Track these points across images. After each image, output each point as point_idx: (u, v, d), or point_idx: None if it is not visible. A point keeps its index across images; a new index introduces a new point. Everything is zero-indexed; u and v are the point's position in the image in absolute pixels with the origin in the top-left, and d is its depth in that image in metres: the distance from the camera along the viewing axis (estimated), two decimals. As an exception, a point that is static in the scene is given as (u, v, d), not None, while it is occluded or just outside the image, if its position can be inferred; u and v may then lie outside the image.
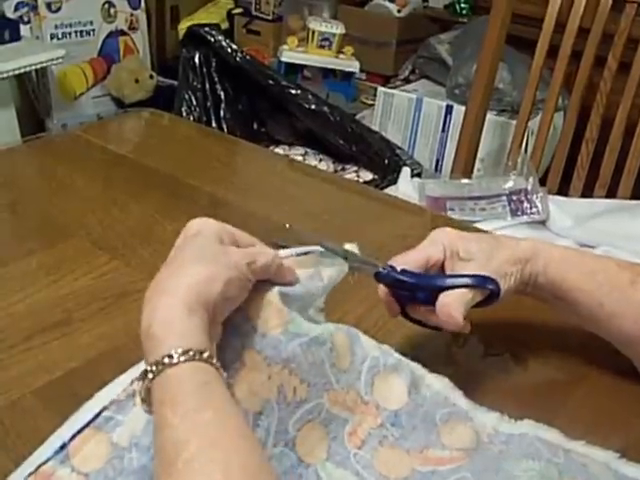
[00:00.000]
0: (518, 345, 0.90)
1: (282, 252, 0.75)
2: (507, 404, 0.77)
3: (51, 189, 1.28)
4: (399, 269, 0.78)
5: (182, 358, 0.58)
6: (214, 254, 0.66)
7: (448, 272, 0.79)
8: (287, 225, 0.75)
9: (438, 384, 0.76)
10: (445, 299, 0.75)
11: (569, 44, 1.82)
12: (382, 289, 0.79)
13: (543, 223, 1.81)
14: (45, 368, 0.84)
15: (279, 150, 2.60)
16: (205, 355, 0.59)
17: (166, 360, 0.58)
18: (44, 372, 0.83)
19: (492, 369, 0.87)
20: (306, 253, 0.77)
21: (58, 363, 0.84)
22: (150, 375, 0.59)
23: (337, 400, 0.72)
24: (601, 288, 0.79)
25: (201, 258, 0.65)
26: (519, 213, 1.81)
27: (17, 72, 2.45)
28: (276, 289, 0.71)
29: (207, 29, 2.60)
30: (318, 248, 0.78)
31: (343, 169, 2.53)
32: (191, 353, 0.59)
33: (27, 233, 1.13)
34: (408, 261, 0.79)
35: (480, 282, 0.77)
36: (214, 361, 0.60)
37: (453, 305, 0.75)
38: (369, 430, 0.72)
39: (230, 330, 0.68)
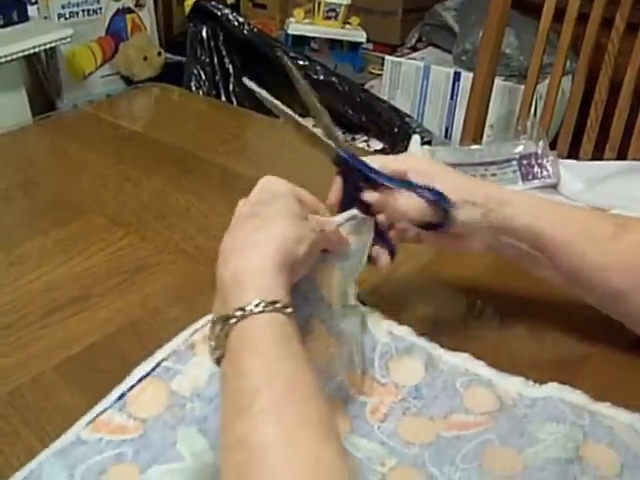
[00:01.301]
0: (533, 312, 0.89)
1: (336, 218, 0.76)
2: (527, 374, 0.76)
3: (63, 167, 1.27)
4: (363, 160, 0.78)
5: (268, 308, 0.59)
6: (300, 216, 0.67)
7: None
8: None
9: (456, 359, 0.76)
10: (400, 198, 0.75)
11: (575, 6, 1.80)
12: (338, 183, 0.80)
13: (554, 187, 1.80)
14: (64, 344, 0.84)
15: (289, 122, 2.59)
16: (288, 310, 0.60)
17: (252, 307, 0.59)
18: (63, 348, 0.83)
19: (509, 340, 0.86)
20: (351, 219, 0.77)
21: (77, 338, 0.84)
22: (233, 320, 0.59)
23: (354, 383, 0.72)
24: (582, 238, 0.75)
25: (288, 217, 0.65)
26: (530, 177, 1.80)
27: (26, 53, 2.44)
28: (338, 263, 0.73)
29: (214, 3, 2.58)
30: (361, 215, 0.78)
31: (353, 139, 2.52)
32: (278, 305, 0.59)
33: (41, 211, 1.13)
34: (386, 164, 0.78)
35: (434, 196, 0.74)
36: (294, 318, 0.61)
37: (406, 205, 0.75)
38: (391, 405, 0.72)
39: (300, 297, 0.68)
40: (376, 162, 0.78)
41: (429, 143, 2.28)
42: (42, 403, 0.76)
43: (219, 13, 2.55)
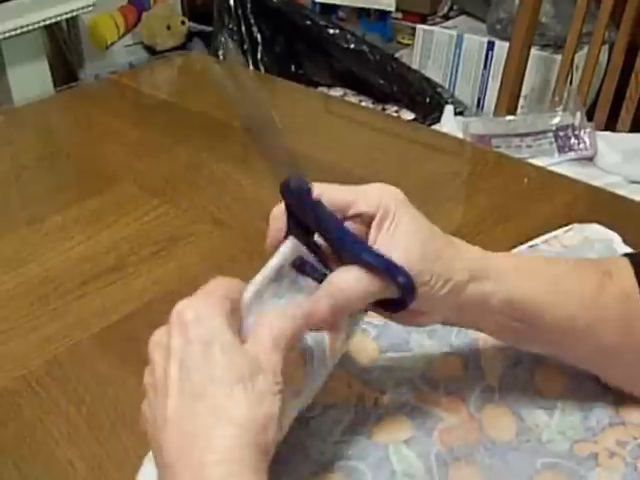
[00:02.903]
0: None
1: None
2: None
3: (93, 137, 1.28)
4: (314, 194, 0.59)
5: None
6: (244, 369, 0.51)
7: (370, 236, 0.60)
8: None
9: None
10: (338, 279, 0.58)
11: (616, -27, 1.79)
12: (279, 209, 0.62)
13: (591, 159, 1.79)
14: (101, 313, 0.84)
15: (318, 92, 2.59)
16: None
17: None
18: (100, 317, 0.84)
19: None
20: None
21: (114, 308, 0.85)
22: None
23: (427, 399, 0.69)
24: (570, 299, 0.64)
25: (234, 386, 0.50)
26: (566, 149, 1.79)
27: (47, 22, 2.44)
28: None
29: (240, -31, 2.58)
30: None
31: (383, 109, 2.51)
32: None
33: (74, 181, 1.14)
34: (326, 192, 0.60)
35: (388, 268, 0.57)
36: None
37: (342, 292, 0.57)
38: (466, 441, 0.66)
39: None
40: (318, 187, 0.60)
41: (461, 114, 2.28)
42: (80, 373, 0.77)
43: (246, -20, 2.55)
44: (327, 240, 0.61)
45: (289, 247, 0.58)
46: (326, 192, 0.60)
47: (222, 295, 0.55)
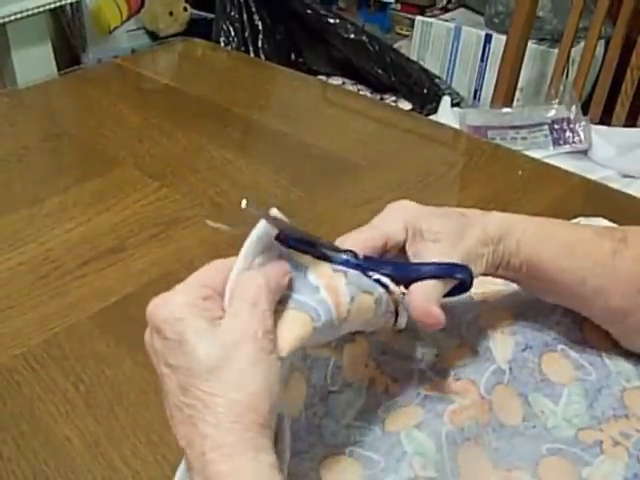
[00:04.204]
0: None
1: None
2: None
3: (95, 120, 1.27)
4: (361, 256, 0.62)
5: None
6: (218, 354, 0.51)
7: (410, 254, 0.65)
8: (243, 202, 0.52)
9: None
10: (418, 293, 0.62)
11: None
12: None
13: (585, 153, 1.79)
14: (100, 294, 0.84)
15: (316, 81, 2.59)
16: None
17: None
18: (99, 298, 0.84)
19: None
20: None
21: (112, 289, 0.85)
22: None
23: (438, 387, 0.68)
24: (582, 263, 0.67)
25: (211, 376, 0.50)
26: (561, 142, 1.79)
27: (52, 6, 2.43)
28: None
29: (242, -43, 2.57)
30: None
31: (381, 99, 2.50)
32: None
33: (76, 163, 1.14)
34: (361, 241, 0.63)
35: (449, 271, 0.63)
36: None
37: (429, 298, 0.61)
38: (476, 421, 0.66)
39: None
40: (352, 240, 0.63)
41: (458, 105, 2.28)
42: (78, 352, 0.77)
43: (248, -32, 2.54)
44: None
45: (270, 221, 0.56)
46: (359, 242, 0.63)
47: (196, 284, 0.54)
